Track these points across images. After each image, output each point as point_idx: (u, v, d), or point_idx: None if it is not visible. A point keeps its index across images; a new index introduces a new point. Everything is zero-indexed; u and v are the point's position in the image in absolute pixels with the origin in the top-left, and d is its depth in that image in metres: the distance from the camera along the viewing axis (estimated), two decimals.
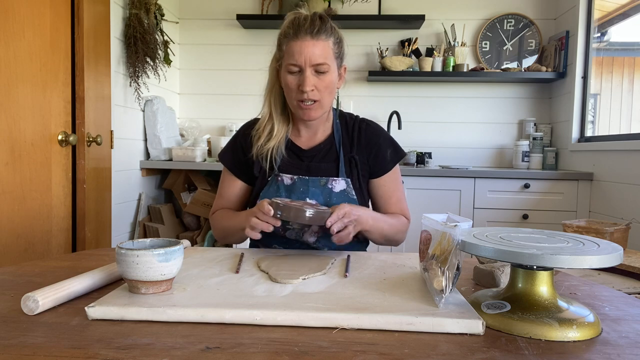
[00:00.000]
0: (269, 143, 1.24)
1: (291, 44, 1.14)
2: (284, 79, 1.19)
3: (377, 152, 1.28)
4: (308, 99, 1.16)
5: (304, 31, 1.13)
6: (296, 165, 1.26)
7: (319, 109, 1.19)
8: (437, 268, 0.73)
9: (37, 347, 0.58)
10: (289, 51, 1.15)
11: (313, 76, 1.15)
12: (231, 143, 1.34)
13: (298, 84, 1.16)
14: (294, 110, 1.22)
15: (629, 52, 3.04)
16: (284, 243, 1.25)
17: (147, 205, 2.88)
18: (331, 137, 1.29)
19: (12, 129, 1.67)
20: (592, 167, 2.64)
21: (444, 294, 0.69)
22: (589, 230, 1.93)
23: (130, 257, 0.71)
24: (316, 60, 1.14)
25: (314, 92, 1.15)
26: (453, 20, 3.15)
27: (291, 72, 1.16)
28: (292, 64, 1.15)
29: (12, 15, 1.64)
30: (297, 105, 1.19)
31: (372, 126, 1.32)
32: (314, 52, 1.13)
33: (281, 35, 1.19)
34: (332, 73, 1.18)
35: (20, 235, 1.72)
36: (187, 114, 3.34)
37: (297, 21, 1.15)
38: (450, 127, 3.25)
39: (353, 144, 1.28)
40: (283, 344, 0.60)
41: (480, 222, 2.69)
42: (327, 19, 1.17)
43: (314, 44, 1.13)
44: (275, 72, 1.25)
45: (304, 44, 1.13)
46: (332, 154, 1.27)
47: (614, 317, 0.73)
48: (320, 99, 1.18)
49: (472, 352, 0.59)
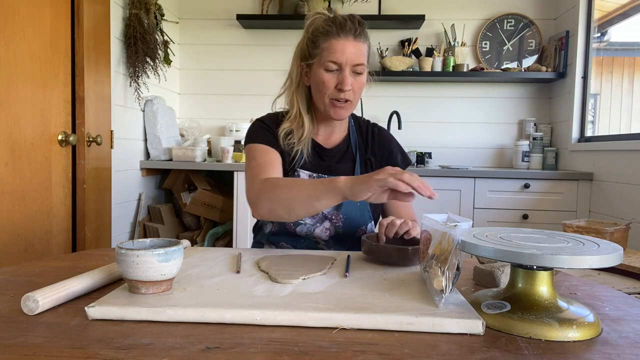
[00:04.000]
0: (299, 144, 1.24)
1: (332, 42, 1.15)
2: (318, 76, 1.18)
3: (389, 156, 1.32)
4: (344, 98, 1.17)
5: (347, 31, 1.14)
6: (317, 164, 1.27)
7: (349, 108, 1.21)
8: (437, 268, 0.73)
9: (37, 347, 0.58)
10: (329, 48, 1.15)
11: (350, 76, 1.16)
12: (258, 129, 1.27)
13: (336, 82, 1.16)
14: (323, 108, 1.21)
15: (629, 52, 3.04)
16: (293, 241, 1.26)
17: (147, 205, 2.88)
18: (347, 138, 1.32)
19: (12, 128, 1.67)
20: (592, 167, 2.64)
21: (444, 294, 0.69)
22: (589, 230, 1.93)
23: (130, 257, 0.71)
24: (357, 61, 1.15)
25: (349, 92, 1.17)
26: (453, 20, 3.15)
27: (329, 69, 1.16)
28: (332, 61, 1.15)
29: (12, 15, 1.64)
30: (329, 103, 1.19)
31: (383, 131, 1.36)
32: (356, 53, 1.15)
33: (318, 32, 1.17)
34: (365, 75, 1.20)
35: (20, 235, 1.72)
36: (187, 114, 3.34)
37: (337, 21, 1.15)
38: (450, 127, 3.25)
39: (368, 146, 1.32)
40: (283, 344, 0.60)
41: (480, 222, 2.69)
42: (365, 24, 1.18)
43: (355, 44, 1.15)
44: (299, 69, 1.24)
45: (347, 43, 1.14)
46: (349, 155, 1.30)
47: (614, 317, 0.73)
48: (352, 100, 1.19)
49: (472, 352, 0.59)
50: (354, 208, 1.26)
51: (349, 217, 1.25)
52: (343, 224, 1.25)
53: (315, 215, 1.24)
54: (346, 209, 1.24)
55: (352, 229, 1.26)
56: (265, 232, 1.30)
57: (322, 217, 1.24)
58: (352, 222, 1.25)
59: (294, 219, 1.10)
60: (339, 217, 1.24)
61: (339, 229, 1.25)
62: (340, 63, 1.14)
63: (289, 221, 1.08)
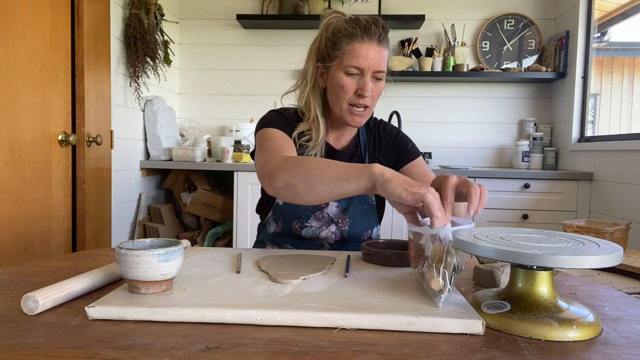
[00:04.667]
0: (313, 149, 1.19)
1: (356, 46, 1.10)
2: (337, 79, 1.13)
3: (398, 145, 1.29)
4: (363, 104, 1.13)
5: (372, 35, 1.10)
6: None
7: (367, 115, 1.17)
8: (432, 269, 0.73)
9: (37, 347, 0.58)
10: (352, 52, 1.10)
11: (370, 82, 1.12)
12: (275, 117, 1.19)
13: (356, 87, 1.12)
14: (340, 112, 1.17)
15: (629, 52, 3.04)
16: (298, 243, 1.24)
17: (147, 205, 2.88)
18: (357, 138, 1.29)
19: (12, 128, 1.67)
20: (592, 167, 2.64)
21: (442, 294, 0.69)
22: (589, 230, 1.93)
23: (130, 257, 0.71)
24: (379, 67, 1.12)
25: (368, 98, 1.13)
26: (453, 20, 3.15)
27: (350, 73, 1.12)
28: (354, 66, 1.10)
29: (12, 15, 1.64)
30: (347, 108, 1.15)
31: (389, 125, 1.35)
32: (378, 59, 1.11)
33: (340, 33, 1.12)
34: (383, 81, 1.17)
35: (20, 235, 1.72)
36: (187, 114, 3.34)
37: (362, 23, 1.11)
38: (450, 127, 3.25)
39: (376, 145, 1.30)
40: (283, 344, 0.60)
41: (480, 222, 2.69)
42: (388, 29, 1.14)
43: (379, 50, 1.11)
44: (315, 70, 1.20)
45: (371, 48, 1.10)
46: (358, 156, 1.27)
47: (614, 317, 0.73)
48: (370, 106, 1.16)
49: (472, 352, 0.59)
50: (360, 211, 1.24)
51: (355, 220, 1.23)
52: (349, 228, 1.23)
53: (322, 218, 1.22)
54: (353, 213, 1.23)
55: (358, 232, 1.24)
56: (269, 231, 1.28)
57: (328, 220, 1.22)
58: (358, 226, 1.24)
59: (311, 201, 0.94)
60: (345, 221, 1.23)
61: (345, 232, 1.23)
62: (363, 68, 1.10)
63: (303, 203, 0.94)
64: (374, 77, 1.13)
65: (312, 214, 1.22)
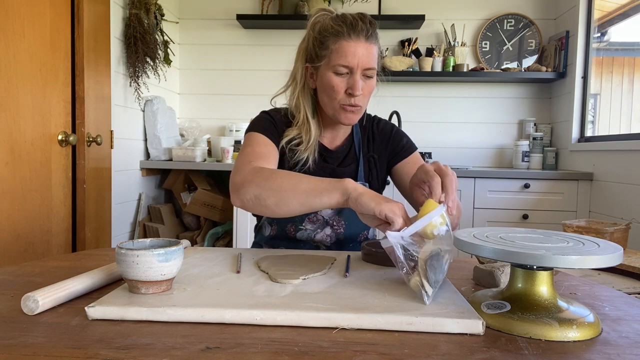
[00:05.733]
0: (305, 152, 1.17)
1: (343, 44, 1.07)
2: (327, 79, 1.11)
3: (392, 141, 1.27)
4: (354, 103, 1.11)
5: (359, 32, 1.07)
6: (321, 166, 1.22)
7: (359, 113, 1.15)
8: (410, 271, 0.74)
9: (37, 347, 0.58)
10: (340, 51, 1.07)
11: (361, 80, 1.10)
12: (264, 120, 1.19)
13: (346, 86, 1.10)
14: (332, 112, 1.15)
15: (629, 52, 3.04)
16: (293, 246, 1.23)
17: (147, 205, 2.88)
18: (351, 137, 1.27)
19: (12, 129, 1.67)
20: (592, 167, 2.64)
21: (424, 290, 0.70)
22: (589, 230, 1.93)
23: (130, 257, 0.71)
24: (368, 64, 1.09)
25: (360, 97, 1.11)
26: (453, 20, 3.15)
27: (339, 73, 1.09)
28: (343, 65, 1.08)
29: (12, 15, 1.64)
30: (339, 108, 1.12)
31: (382, 121, 1.32)
32: (367, 55, 1.08)
33: (326, 32, 1.10)
34: (374, 78, 1.14)
35: (20, 235, 1.72)
36: (187, 114, 3.34)
37: (348, 20, 1.08)
38: (450, 127, 3.25)
39: (370, 143, 1.27)
40: (283, 344, 0.60)
41: (480, 222, 2.69)
42: (376, 24, 1.12)
43: (367, 47, 1.08)
44: (304, 71, 1.18)
45: (359, 45, 1.07)
46: (352, 156, 1.25)
47: (614, 317, 0.73)
48: (362, 104, 1.13)
49: (472, 352, 0.59)
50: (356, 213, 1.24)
51: (350, 222, 1.22)
52: (344, 230, 1.22)
53: (317, 221, 1.20)
54: (348, 214, 1.21)
55: (353, 234, 1.23)
56: (265, 234, 1.26)
57: (323, 222, 1.21)
58: (353, 228, 1.22)
59: (281, 214, 0.94)
60: (340, 223, 1.22)
61: (340, 235, 1.22)
62: (352, 67, 1.08)
63: (272, 216, 0.95)
64: (364, 75, 1.10)
65: (306, 217, 1.20)
